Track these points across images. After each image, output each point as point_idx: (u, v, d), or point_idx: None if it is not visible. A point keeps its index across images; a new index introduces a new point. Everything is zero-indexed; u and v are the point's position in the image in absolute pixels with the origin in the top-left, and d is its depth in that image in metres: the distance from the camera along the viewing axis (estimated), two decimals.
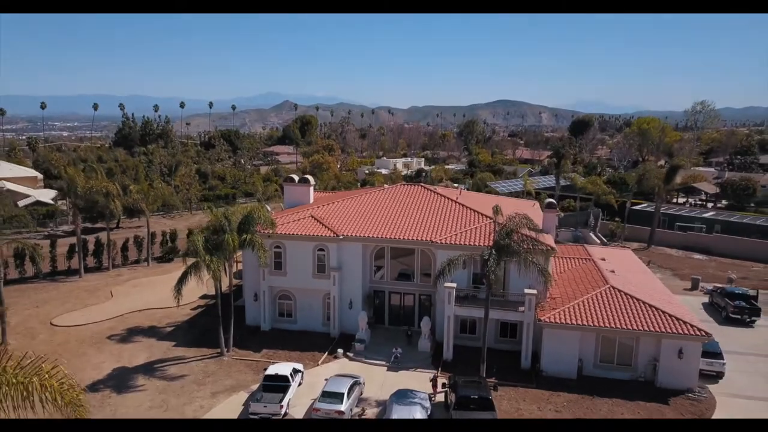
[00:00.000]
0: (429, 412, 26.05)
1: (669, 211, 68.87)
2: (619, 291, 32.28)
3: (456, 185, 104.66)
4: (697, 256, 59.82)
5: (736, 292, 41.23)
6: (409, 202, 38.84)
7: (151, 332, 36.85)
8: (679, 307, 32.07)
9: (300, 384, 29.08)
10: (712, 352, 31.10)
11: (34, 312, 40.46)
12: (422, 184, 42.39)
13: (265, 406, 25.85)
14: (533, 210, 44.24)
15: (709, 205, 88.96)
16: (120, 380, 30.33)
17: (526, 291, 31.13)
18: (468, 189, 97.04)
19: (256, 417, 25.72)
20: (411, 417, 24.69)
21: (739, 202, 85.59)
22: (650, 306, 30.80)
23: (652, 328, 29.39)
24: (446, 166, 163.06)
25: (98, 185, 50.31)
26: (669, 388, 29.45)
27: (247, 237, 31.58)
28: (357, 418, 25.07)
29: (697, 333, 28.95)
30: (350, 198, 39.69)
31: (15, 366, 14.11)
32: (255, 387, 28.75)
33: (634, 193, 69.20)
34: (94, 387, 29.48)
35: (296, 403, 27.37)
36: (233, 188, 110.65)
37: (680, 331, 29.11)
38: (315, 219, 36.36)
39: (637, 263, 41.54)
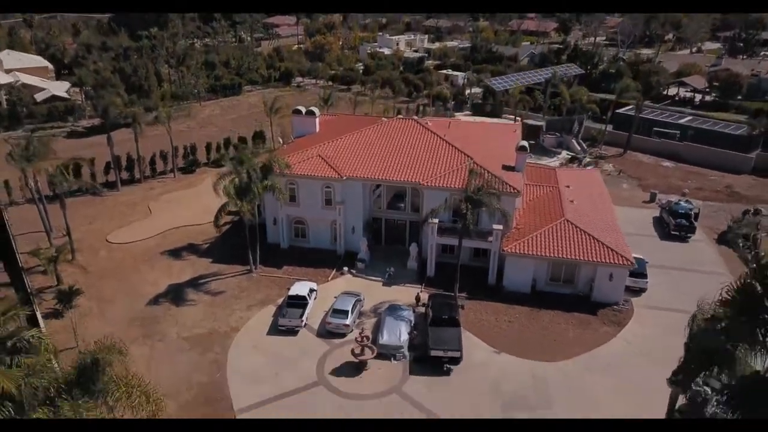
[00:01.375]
0: (412, 324, 34.84)
1: (649, 116, 73.93)
2: (571, 223, 39.69)
3: (456, 74, 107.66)
4: (666, 163, 66.36)
5: (679, 211, 48.51)
6: (402, 140, 44.91)
7: (191, 249, 45.13)
8: (617, 237, 39.64)
9: (315, 297, 37.66)
10: (639, 272, 39.28)
11: (89, 229, 48.54)
12: (415, 118, 47.76)
13: (290, 320, 34.67)
14: (514, 135, 50.43)
15: (697, 97, 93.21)
16: (175, 294, 39.03)
17: (494, 226, 38.59)
18: (466, 81, 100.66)
19: (283, 328, 34.63)
20: (398, 329, 33.43)
21: (725, 98, 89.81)
22: (593, 238, 38.40)
23: (591, 258, 37.30)
24: (449, 44, 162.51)
25: (123, 110, 55.66)
26: (601, 302, 38.01)
27: (268, 184, 38.49)
28: (359, 336, 33.15)
29: (625, 262, 36.88)
30: (352, 135, 45.62)
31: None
32: (280, 301, 37.40)
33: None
34: (156, 301, 38.30)
35: (312, 316, 36.15)
36: (238, 74, 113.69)
37: (612, 261, 37.03)
38: (322, 158, 42.86)
39: (599, 187, 48.33)
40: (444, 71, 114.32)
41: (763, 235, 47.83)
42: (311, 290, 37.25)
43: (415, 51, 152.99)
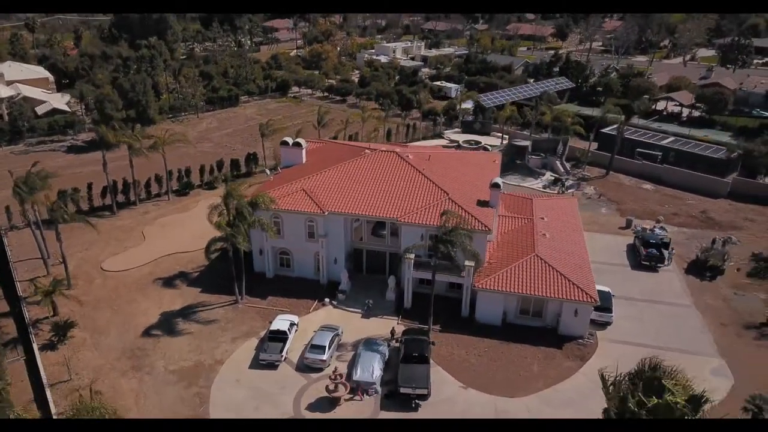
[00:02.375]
0: (386, 358, 37.00)
1: (633, 137, 75.78)
2: (541, 259, 41.71)
3: (450, 86, 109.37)
4: (647, 186, 68.24)
5: (650, 240, 50.48)
6: (383, 174, 46.90)
7: (182, 277, 47.35)
8: (584, 273, 41.69)
9: (296, 331, 39.81)
10: (604, 307, 41.35)
11: (85, 255, 50.78)
12: (397, 150, 49.62)
13: (270, 355, 36.86)
14: (493, 166, 52.46)
15: (685, 112, 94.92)
16: (164, 325, 41.24)
17: (466, 263, 40.64)
18: (460, 93, 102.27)
19: (264, 362, 36.81)
20: (372, 365, 35.57)
21: (710, 113, 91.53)
22: (561, 275, 40.44)
23: (557, 295, 39.37)
24: (446, 50, 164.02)
25: (123, 139, 57.89)
26: (567, 335, 40.12)
27: (255, 220, 40.66)
28: (333, 374, 35.01)
29: (589, 300, 38.95)
30: (335, 168, 47.65)
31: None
32: (263, 334, 39.57)
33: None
34: (146, 332, 40.53)
35: (293, 350, 38.29)
36: (236, 84, 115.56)
37: (578, 299, 39.09)
38: (305, 193, 44.94)
39: (573, 218, 50.23)
40: (438, 83, 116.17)
41: (731, 264, 50.00)
42: (291, 324, 39.40)
43: (412, 58, 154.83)
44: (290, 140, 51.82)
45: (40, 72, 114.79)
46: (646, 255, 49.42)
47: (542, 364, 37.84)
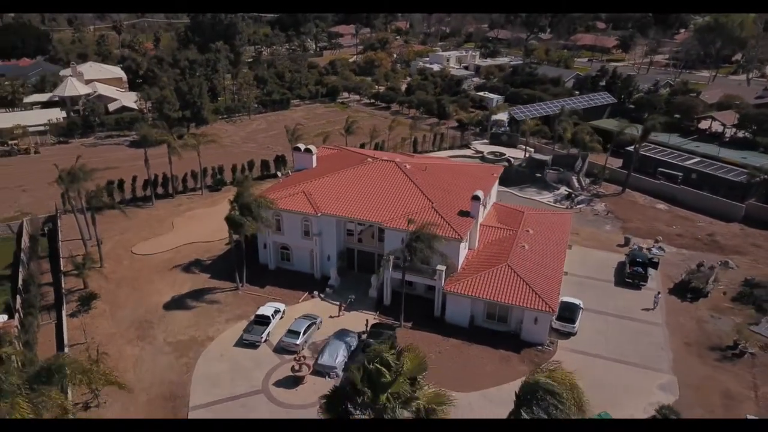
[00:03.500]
0: (353, 348, 41.15)
1: (656, 155, 75.86)
2: (511, 269, 44.51)
3: (491, 96, 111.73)
4: (660, 205, 68.50)
5: (637, 259, 51.74)
6: (378, 182, 50.98)
7: (196, 264, 53.42)
8: (551, 284, 44.11)
9: (282, 317, 44.64)
10: (568, 317, 43.64)
11: (120, 239, 57.99)
12: (396, 161, 53.45)
13: (252, 336, 41.91)
14: (491, 179, 55.39)
15: (729, 132, 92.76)
16: (172, 303, 47.27)
17: (438, 267, 44.11)
18: (498, 105, 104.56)
19: (246, 342, 41.91)
20: (337, 352, 39.83)
21: (754, 135, 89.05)
22: (526, 284, 43.12)
23: (519, 303, 42.14)
24: (502, 60, 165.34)
25: (162, 137, 65.23)
26: (528, 341, 42.76)
27: (260, 219, 45.87)
28: (298, 355, 39.76)
29: (548, 310, 41.47)
30: (335, 174, 52.25)
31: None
32: (252, 318, 44.71)
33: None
34: (156, 309, 46.62)
35: (275, 334, 43.15)
36: (290, 89, 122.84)
37: (538, 308, 41.68)
38: (305, 195, 49.84)
39: (561, 233, 52.37)
40: (481, 93, 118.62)
41: (720, 287, 50.58)
42: (276, 311, 44.31)
43: (465, 68, 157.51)
44: (302, 146, 56.96)
45: (116, 72, 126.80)
46: (629, 273, 50.81)
47: (496, 365, 40.75)
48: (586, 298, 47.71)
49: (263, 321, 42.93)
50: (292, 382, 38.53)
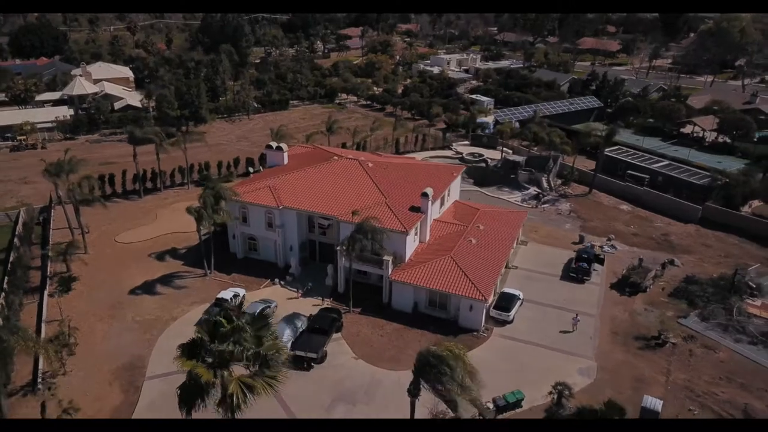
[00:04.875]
0: (300, 330, 44.87)
1: (626, 158, 78.49)
2: (453, 260, 47.89)
3: (483, 99, 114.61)
4: (624, 206, 71.12)
5: (582, 255, 54.70)
6: (340, 179, 54.68)
7: (172, 253, 57.65)
8: (489, 275, 47.39)
9: (240, 301, 48.49)
10: (504, 306, 46.91)
11: (107, 229, 62.52)
12: (360, 159, 57.08)
13: (210, 317, 45.77)
14: (450, 177, 58.73)
15: (708, 138, 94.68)
16: (144, 287, 51.50)
17: (384, 257, 47.69)
18: (490, 109, 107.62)
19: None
20: (284, 332, 43.58)
21: (733, 140, 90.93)
22: (464, 274, 46.47)
23: (455, 292, 45.51)
24: (502, 63, 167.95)
25: (147, 136, 69.80)
26: (465, 327, 46.10)
27: (218, 208, 49.92)
28: None
29: (481, 298, 44.79)
30: (300, 171, 56.07)
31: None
32: (213, 301, 48.69)
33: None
34: (129, 291, 50.89)
35: None
36: (290, 90, 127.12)
37: (472, 296, 45.03)
38: (270, 189, 53.74)
39: (512, 229, 55.61)
40: (473, 96, 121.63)
41: (661, 283, 53.34)
42: (236, 295, 48.26)
43: (466, 70, 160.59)
44: (274, 144, 60.91)
45: (124, 72, 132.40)
46: (574, 268, 53.78)
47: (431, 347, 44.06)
48: (530, 291, 50.93)
49: (221, 304, 46.76)
50: None
